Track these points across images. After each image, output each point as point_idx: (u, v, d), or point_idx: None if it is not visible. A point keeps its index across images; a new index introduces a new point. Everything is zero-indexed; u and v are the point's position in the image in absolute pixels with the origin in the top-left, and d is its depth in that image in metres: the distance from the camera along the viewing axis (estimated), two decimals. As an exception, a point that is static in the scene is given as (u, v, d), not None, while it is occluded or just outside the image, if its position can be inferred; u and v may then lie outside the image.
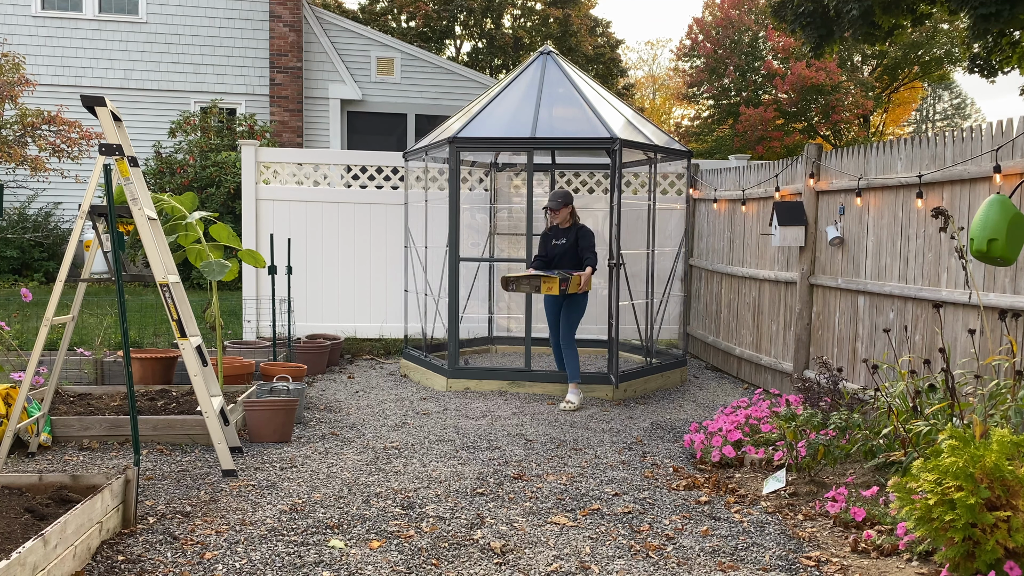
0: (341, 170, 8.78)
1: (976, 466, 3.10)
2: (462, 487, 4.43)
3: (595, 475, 4.70)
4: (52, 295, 4.58)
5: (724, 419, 5.33)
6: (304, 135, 15.78)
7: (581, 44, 27.88)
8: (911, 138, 5.29)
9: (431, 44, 27.79)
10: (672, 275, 8.13)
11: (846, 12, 11.49)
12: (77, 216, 6.30)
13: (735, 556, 3.56)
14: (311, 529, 3.78)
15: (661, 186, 9.04)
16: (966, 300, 4.63)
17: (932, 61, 30.96)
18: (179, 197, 6.00)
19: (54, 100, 13.52)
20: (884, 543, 3.57)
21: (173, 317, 4.66)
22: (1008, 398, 3.91)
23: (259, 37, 15.62)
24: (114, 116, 4.55)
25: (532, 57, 7.89)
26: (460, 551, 3.56)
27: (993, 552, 3.02)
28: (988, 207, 3.88)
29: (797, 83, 27.17)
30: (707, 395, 7.07)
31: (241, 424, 5.50)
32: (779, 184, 6.86)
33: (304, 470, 4.69)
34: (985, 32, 11.13)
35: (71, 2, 15.11)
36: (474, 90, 16.52)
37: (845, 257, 5.99)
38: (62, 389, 5.91)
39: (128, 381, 4.16)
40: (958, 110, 41.11)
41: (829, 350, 6.17)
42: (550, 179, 8.81)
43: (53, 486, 3.76)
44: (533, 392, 6.87)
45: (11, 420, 4.56)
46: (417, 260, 7.98)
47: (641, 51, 59.98)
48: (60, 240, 13.63)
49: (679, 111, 38.30)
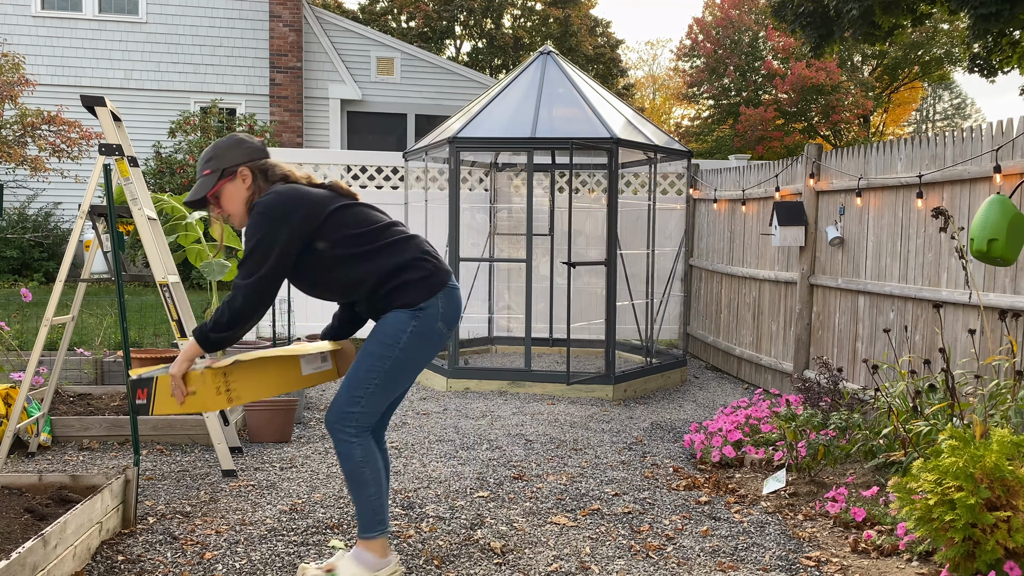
0: (341, 170, 8.77)
1: (976, 466, 3.10)
2: (462, 487, 4.43)
3: (595, 475, 4.70)
4: (52, 295, 4.58)
5: (724, 419, 5.33)
6: (304, 135, 15.78)
7: (581, 44, 27.87)
8: (911, 138, 5.29)
9: (431, 44, 27.79)
10: (672, 275, 8.13)
11: (846, 12, 11.49)
12: (77, 216, 6.30)
13: (735, 556, 3.56)
14: (311, 529, 3.78)
15: (661, 186, 9.05)
16: (966, 300, 4.63)
17: (932, 61, 30.96)
18: (179, 197, 6.00)
19: (54, 100, 13.52)
20: (884, 543, 3.56)
21: (173, 317, 4.65)
22: (1008, 398, 3.91)
23: (259, 37, 15.62)
24: (114, 116, 4.55)
25: (532, 57, 7.89)
26: (460, 551, 3.56)
27: (993, 552, 3.02)
28: (988, 207, 3.88)
29: (797, 83, 27.17)
30: (707, 395, 7.07)
31: (241, 424, 5.49)
32: (779, 184, 6.86)
33: (304, 470, 4.68)
34: (985, 32, 11.13)
35: (71, 2, 15.10)
36: (474, 90, 16.52)
37: (845, 257, 5.99)
38: (62, 389, 5.91)
39: (128, 381, 4.16)
40: (958, 110, 41.10)
41: (829, 350, 6.17)
42: (550, 179, 8.81)
43: (53, 486, 3.76)
44: (533, 392, 6.87)
45: (11, 420, 4.56)
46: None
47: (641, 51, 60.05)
48: (60, 240, 13.63)
49: (679, 111, 38.30)
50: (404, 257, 3.10)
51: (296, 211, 2.97)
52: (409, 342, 3.06)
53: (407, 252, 3.11)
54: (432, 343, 3.11)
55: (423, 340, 3.08)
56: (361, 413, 3.05)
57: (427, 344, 3.10)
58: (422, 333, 3.07)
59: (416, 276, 3.09)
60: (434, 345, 3.13)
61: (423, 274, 3.10)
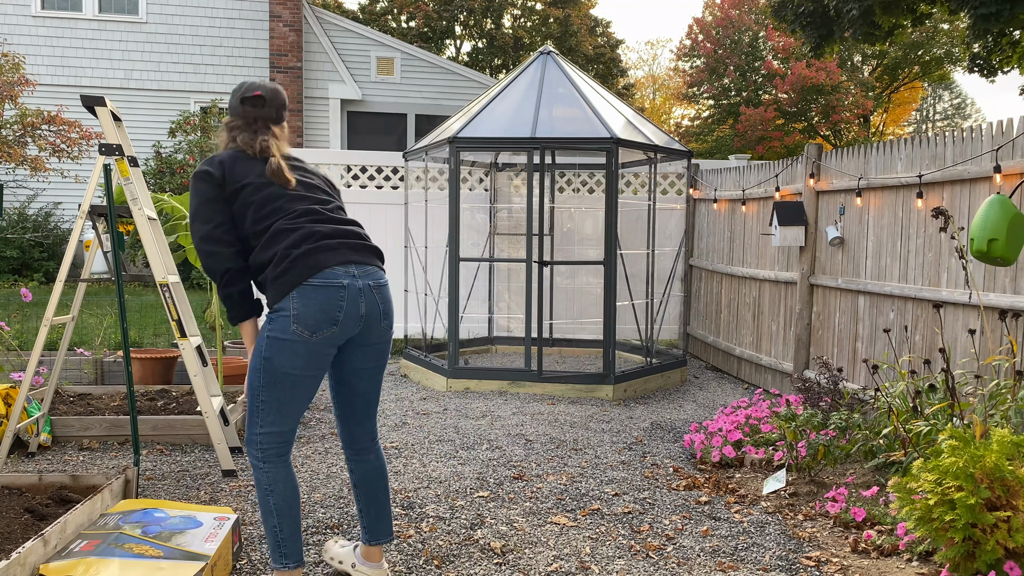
0: (341, 170, 8.78)
1: (976, 466, 3.10)
2: (462, 487, 4.43)
3: (595, 475, 4.70)
4: (52, 295, 4.58)
5: (724, 419, 5.33)
6: (304, 135, 15.79)
7: (581, 44, 27.88)
8: (911, 138, 5.29)
9: (431, 44, 27.79)
10: (672, 275, 8.13)
11: (846, 12, 11.49)
12: (77, 216, 6.30)
13: (735, 556, 3.56)
14: (311, 529, 3.78)
15: (661, 186, 9.05)
16: (966, 300, 4.63)
17: (932, 61, 30.96)
18: (179, 197, 6.00)
19: (54, 100, 13.52)
20: (884, 543, 3.57)
21: (173, 317, 4.65)
22: (1008, 398, 3.91)
23: (259, 37, 15.62)
24: (114, 116, 4.55)
25: (532, 57, 7.89)
26: (460, 551, 3.56)
27: (993, 552, 3.02)
28: (988, 207, 3.88)
29: (797, 83, 27.17)
30: (707, 395, 7.07)
31: (241, 424, 5.49)
32: (779, 184, 6.86)
33: (304, 470, 4.68)
34: (985, 32, 11.13)
35: (71, 2, 15.11)
36: (474, 90, 16.52)
37: (845, 257, 5.99)
38: (62, 389, 5.91)
39: (128, 381, 4.16)
40: (958, 110, 41.11)
41: (829, 350, 6.17)
42: (550, 179, 8.81)
43: (53, 486, 3.76)
44: (533, 392, 6.87)
45: (11, 420, 4.56)
46: (417, 260, 7.98)
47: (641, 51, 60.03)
48: (60, 240, 13.63)
49: (679, 111, 38.31)
50: (271, 251, 2.85)
51: (209, 176, 2.91)
52: (268, 349, 2.78)
53: (277, 244, 2.84)
54: (294, 350, 2.76)
55: (282, 346, 2.76)
56: (263, 435, 2.84)
57: (289, 350, 2.76)
58: (277, 338, 2.76)
59: (272, 274, 2.81)
60: (299, 352, 2.77)
61: (277, 272, 2.80)
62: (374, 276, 2.93)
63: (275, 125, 3.10)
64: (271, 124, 3.09)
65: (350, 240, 2.93)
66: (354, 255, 2.89)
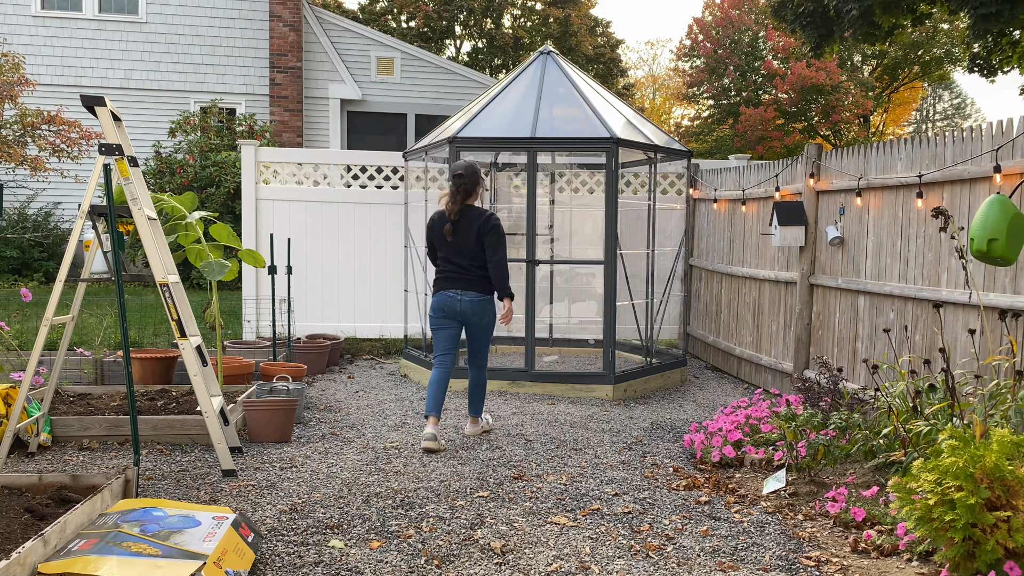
0: (341, 170, 8.78)
1: (976, 466, 3.10)
2: (462, 487, 4.43)
3: (595, 475, 4.70)
4: (52, 295, 4.58)
5: (724, 419, 5.33)
6: (304, 135, 15.78)
7: (581, 44, 27.88)
8: (911, 138, 5.29)
9: (431, 44, 27.79)
10: (672, 275, 8.12)
11: (846, 12, 11.48)
12: (77, 216, 6.30)
13: (735, 556, 3.56)
14: (311, 529, 3.78)
15: (661, 186, 9.04)
16: (966, 300, 4.63)
17: (932, 61, 30.95)
18: (179, 197, 6.00)
19: (54, 100, 13.51)
20: (884, 543, 3.56)
21: (173, 317, 4.65)
22: (1008, 398, 3.91)
23: (259, 37, 15.62)
24: (114, 116, 4.55)
25: (532, 57, 7.89)
26: (460, 551, 3.56)
27: (993, 552, 3.02)
28: (988, 207, 3.88)
29: (797, 83, 27.16)
30: (707, 395, 7.07)
31: (241, 424, 5.49)
32: (779, 184, 6.86)
33: (304, 470, 4.68)
34: (985, 32, 11.13)
35: (71, 2, 15.10)
36: (474, 90, 16.52)
37: (845, 257, 5.99)
38: (62, 389, 5.91)
39: (128, 381, 4.16)
40: (958, 110, 41.12)
41: (829, 350, 6.17)
42: (550, 179, 8.81)
43: (53, 486, 3.76)
44: (533, 392, 6.87)
45: (11, 420, 4.56)
46: (417, 260, 7.97)
47: (641, 51, 60.04)
48: (60, 240, 13.62)
49: (679, 111, 38.30)
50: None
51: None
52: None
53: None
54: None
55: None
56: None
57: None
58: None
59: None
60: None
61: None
62: (468, 295, 5.42)
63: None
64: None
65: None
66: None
